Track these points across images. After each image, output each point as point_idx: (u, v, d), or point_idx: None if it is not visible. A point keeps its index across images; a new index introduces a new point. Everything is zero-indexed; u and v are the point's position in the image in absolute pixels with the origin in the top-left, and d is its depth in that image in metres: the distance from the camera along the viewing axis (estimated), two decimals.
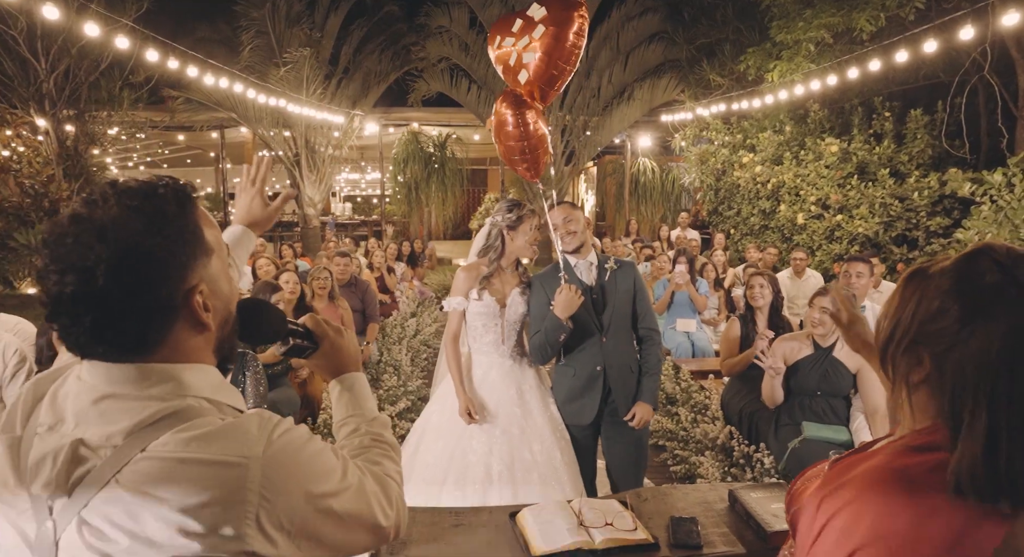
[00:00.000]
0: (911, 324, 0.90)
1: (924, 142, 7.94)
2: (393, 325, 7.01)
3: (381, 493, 1.02)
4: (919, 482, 0.83)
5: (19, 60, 9.15)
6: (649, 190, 13.78)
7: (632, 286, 3.05)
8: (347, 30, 13.58)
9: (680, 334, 6.26)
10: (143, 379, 0.88)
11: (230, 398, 0.96)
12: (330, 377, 1.25)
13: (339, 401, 1.23)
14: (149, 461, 0.81)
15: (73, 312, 0.84)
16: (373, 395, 1.28)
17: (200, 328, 0.93)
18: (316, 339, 1.22)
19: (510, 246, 3.06)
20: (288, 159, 13.14)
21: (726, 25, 11.25)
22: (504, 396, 3.01)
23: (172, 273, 0.88)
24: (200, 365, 0.94)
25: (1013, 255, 0.85)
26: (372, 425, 1.19)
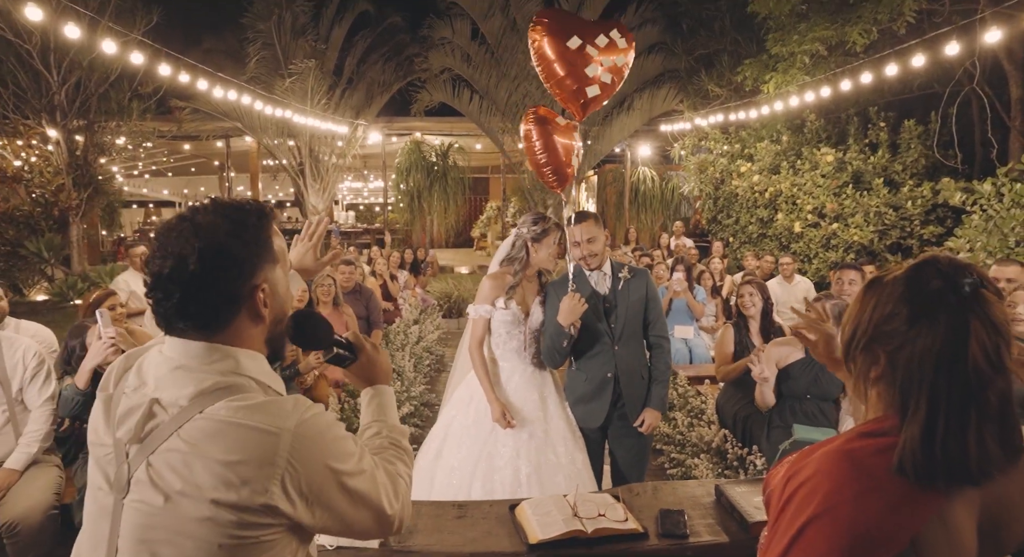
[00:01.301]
0: (868, 326, 1.03)
1: (918, 152, 8.08)
2: (396, 332, 7.12)
3: (390, 486, 1.18)
4: (864, 462, 0.96)
5: (32, 73, 9.36)
6: (649, 199, 13.92)
7: (644, 294, 3.14)
8: (351, 41, 13.80)
9: (678, 341, 6.37)
10: (209, 355, 1.08)
11: (274, 383, 1.15)
12: (364, 385, 1.43)
13: (367, 407, 1.40)
14: (204, 421, 1.01)
15: (167, 289, 1.05)
16: (396, 408, 1.44)
17: (258, 320, 1.13)
18: (355, 351, 1.40)
19: (534, 257, 3.14)
20: (292, 168, 13.31)
21: (724, 37, 11.43)
22: (528, 401, 3.11)
23: (244, 269, 1.09)
24: (254, 352, 1.14)
25: (954, 265, 0.98)
26: (392, 432, 1.36)
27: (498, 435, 3.03)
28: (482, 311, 3.15)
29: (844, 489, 0.94)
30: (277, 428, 1.01)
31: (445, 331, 8.70)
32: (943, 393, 0.93)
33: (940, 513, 0.92)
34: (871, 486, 0.93)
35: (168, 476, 1.00)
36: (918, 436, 0.92)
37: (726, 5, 11.41)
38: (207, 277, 1.05)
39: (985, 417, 0.92)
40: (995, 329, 0.93)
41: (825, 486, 0.95)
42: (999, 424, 0.92)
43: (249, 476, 0.98)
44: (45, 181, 9.63)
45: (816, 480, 0.97)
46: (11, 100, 9.53)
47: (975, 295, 0.94)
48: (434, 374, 7.14)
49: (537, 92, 11.95)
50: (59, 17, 7.36)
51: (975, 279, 0.95)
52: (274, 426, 1.01)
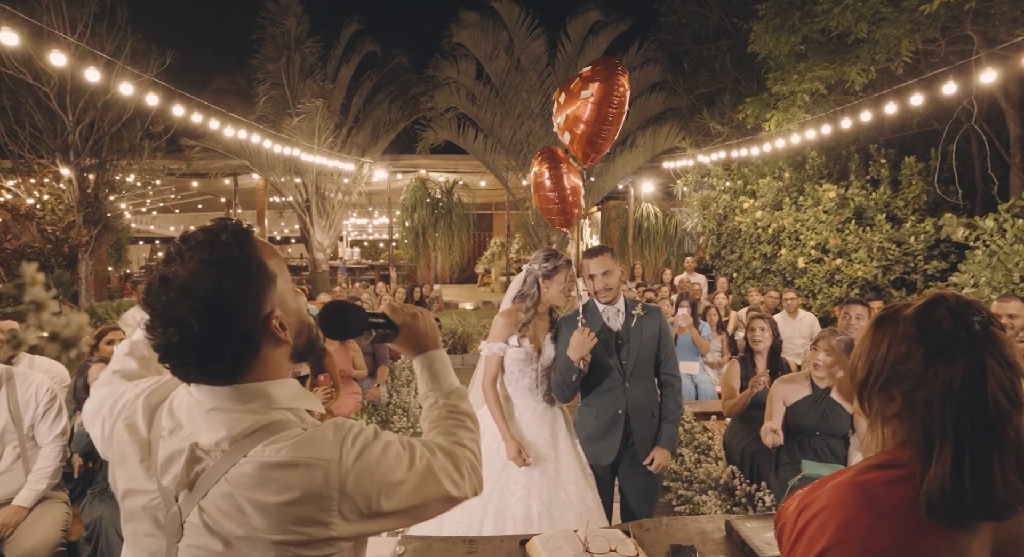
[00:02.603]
0: (883, 366, 1.04)
1: (919, 188, 8.16)
2: (402, 367, 7.13)
3: (451, 466, 1.16)
4: (875, 493, 0.97)
5: (49, 114, 9.57)
6: (652, 235, 13.99)
7: (657, 332, 3.16)
8: (358, 81, 14.07)
9: (683, 376, 6.34)
10: (240, 397, 1.06)
11: (307, 402, 1.13)
12: (414, 354, 1.39)
13: (421, 377, 1.38)
14: (250, 465, 1.00)
15: (180, 355, 1.03)
16: (451, 368, 1.40)
17: (280, 344, 1.11)
18: (395, 325, 1.37)
19: (545, 294, 3.17)
20: (299, 205, 13.45)
21: (724, 75, 11.64)
22: (539, 438, 3.11)
23: (250, 307, 1.05)
24: (282, 380, 1.11)
25: (962, 303, 1.01)
26: (449, 398, 1.34)
27: (510, 472, 3.02)
28: (495, 348, 3.17)
29: (857, 521, 0.95)
30: (323, 460, 1.01)
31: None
32: (966, 432, 0.94)
33: (953, 545, 0.94)
34: (884, 517, 0.95)
35: (224, 522, 1.00)
36: (948, 475, 0.93)
37: (726, 45, 11.65)
38: (216, 332, 1.02)
39: (1007, 453, 0.94)
40: (1009, 366, 0.96)
41: (838, 518, 0.97)
42: (1019, 458, 0.94)
43: (306, 514, 0.99)
44: (57, 218, 9.76)
45: (829, 512, 0.98)
46: (27, 140, 9.74)
47: (986, 333, 0.97)
48: None
49: (541, 130, 12.14)
50: (77, 60, 7.56)
51: (984, 317, 0.98)
52: (320, 459, 1.01)
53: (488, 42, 12.24)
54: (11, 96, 9.51)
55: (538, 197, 3.63)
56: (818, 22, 7.62)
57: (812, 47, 8.30)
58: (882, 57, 7.31)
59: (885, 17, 7.09)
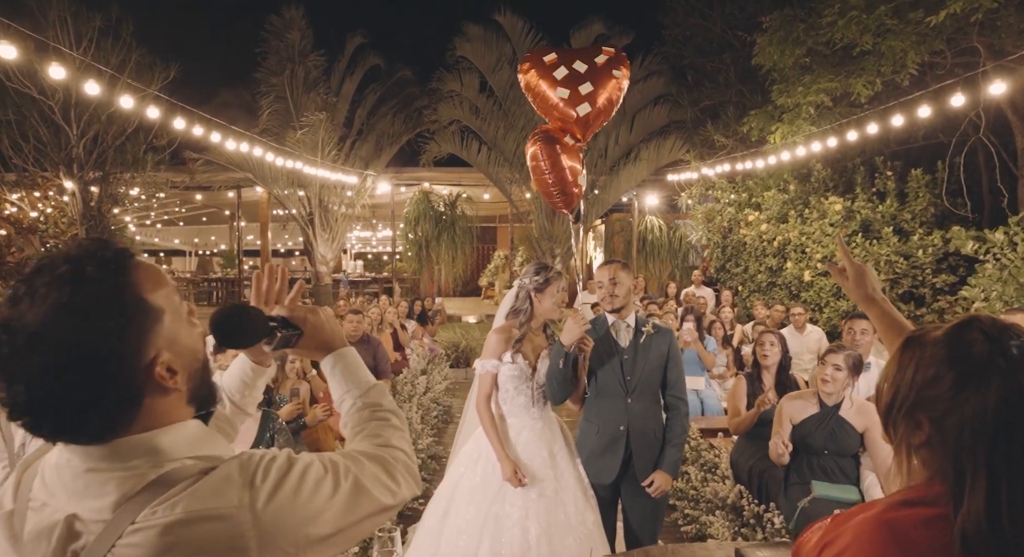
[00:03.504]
0: (910, 391, 0.97)
1: (926, 200, 8.08)
2: (403, 383, 7.05)
3: (383, 473, 1.05)
4: (907, 534, 0.90)
5: (53, 127, 9.59)
6: (657, 248, 13.94)
7: (666, 352, 3.10)
8: (362, 94, 14.10)
9: (689, 392, 6.24)
10: (120, 455, 0.87)
11: (210, 447, 0.95)
12: (321, 355, 1.27)
13: (332, 378, 1.26)
14: (142, 533, 0.81)
15: (31, 417, 0.84)
16: (364, 366, 1.28)
17: (169, 392, 0.92)
18: (297, 325, 1.24)
19: (538, 308, 3.11)
20: (302, 218, 13.44)
21: (729, 88, 11.61)
22: (537, 458, 3.02)
23: (124, 357, 0.85)
24: (175, 425, 0.93)
25: (998, 327, 0.93)
26: (368, 396, 1.22)
27: (506, 494, 2.93)
28: (488, 366, 3.09)
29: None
30: (230, 508, 0.84)
31: (453, 381, 8.62)
32: (1002, 463, 0.87)
33: None
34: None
35: None
36: (983, 511, 0.86)
37: (730, 58, 11.64)
38: (78, 392, 0.82)
39: None
40: None
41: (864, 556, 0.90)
42: None
43: None
44: (59, 231, 9.76)
45: (854, 551, 0.91)
46: (31, 154, 9.75)
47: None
48: (441, 425, 7.04)
49: None
50: (82, 74, 7.57)
51: (1022, 341, 0.91)
52: (225, 507, 0.84)
53: (491, 55, 12.27)
54: (16, 110, 9.53)
55: (536, 180, 3.61)
56: (823, 34, 7.59)
57: (817, 59, 8.26)
58: (888, 69, 7.26)
59: (890, 29, 7.05)
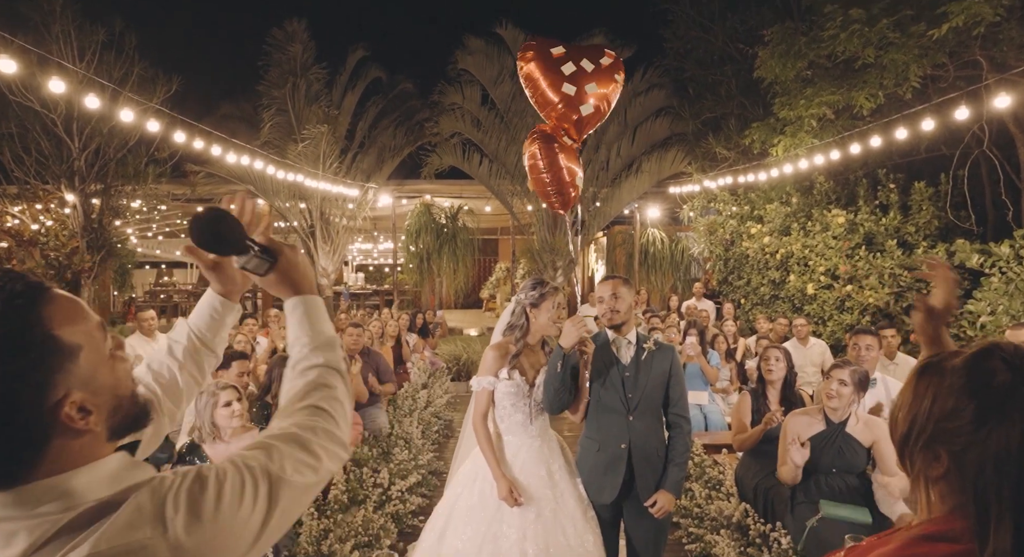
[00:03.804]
0: (927, 422, 0.92)
1: (930, 213, 8.04)
2: (404, 397, 7.00)
3: (300, 451, 1.01)
4: None
5: (55, 140, 9.61)
6: (658, 260, 13.89)
7: (668, 370, 3.05)
8: (363, 107, 14.12)
9: (692, 407, 6.21)
10: (29, 501, 0.82)
11: (132, 479, 0.90)
12: (288, 294, 1.25)
13: (291, 321, 1.23)
14: None
15: None
16: (327, 318, 1.26)
17: (81, 434, 0.87)
18: (274, 255, 1.23)
19: (534, 324, 3.08)
20: (303, 230, 13.43)
21: (730, 100, 11.61)
22: (535, 477, 2.97)
23: (24, 399, 0.81)
24: (92, 464, 0.88)
25: (1021, 355, 0.88)
26: (321, 349, 1.19)
27: (504, 515, 2.87)
28: (484, 383, 3.06)
29: None
30: (143, 540, 0.80)
31: (454, 395, 8.56)
32: None
33: None
34: None
35: None
36: (1010, 550, 0.80)
37: (732, 70, 11.64)
38: None
39: None
40: None
41: None
42: None
43: None
44: (60, 244, 9.73)
45: None
46: (33, 166, 9.76)
47: None
48: (442, 440, 6.98)
49: None
50: (83, 88, 7.58)
51: None
52: (138, 541, 0.79)
53: (493, 68, 12.28)
54: (18, 123, 9.56)
55: (533, 179, 3.59)
56: (824, 47, 7.58)
57: (819, 72, 8.25)
58: (890, 82, 7.25)
59: (892, 42, 7.04)
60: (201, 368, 1.35)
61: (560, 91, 3.53)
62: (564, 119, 3.57)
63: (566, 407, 3.03)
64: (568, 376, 2.90)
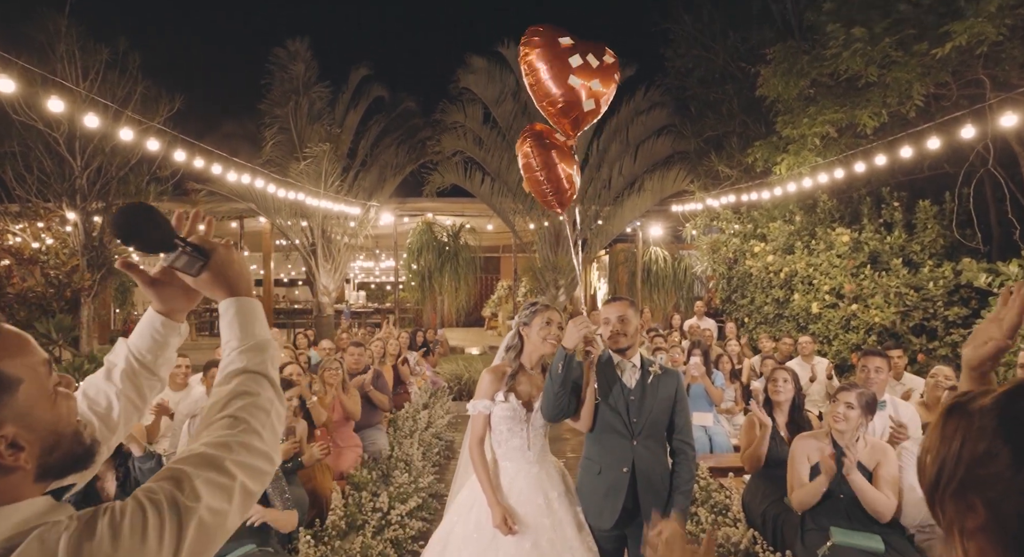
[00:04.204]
0: (957, 467, 0.84)
1: (935, 232, 7.98)
2: (405, 418, 6.90)
3: (212, 472, 0.94)
4: None
5: (58, 159, 9.63)
6: (661, 278, 13.83)
7: (673, 395, 2.98)
8: (365, 125, 14.17)
9: (697, 428, 6.11)
10: None
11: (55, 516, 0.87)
12: (224, 295, 1.17)
13: (223, 323, 1.16)
14: None
15: None
16: (264, 322, 1.20)
17: (12, 471, 0.85)
18: (206, 253, 1.15)
19: (527, 343, 3.04)
20: (304, 248, 13.40)
21: (732, 119, 11.62)
22: (532, 505, 2.88)
23: None
24: (10, 507, 0.85)
25: None
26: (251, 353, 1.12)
27: (500, 545, 2.79)
28: (480, 406, 2.99)
29: None
30: None
31: (455, 415, 8.46)
32: None
33: None
34: None
35: None
36: None
37: (733, 89, 11.66)
38: None
39: None
40: None
41: None
42: None
43: None
44: (61, 262, 9.70)
45: None
46: (35, 185, 9.78)
47: None
48: (444, 461, 6.87)
49: None
50: (86, 107, 7.59)
51: None
52: None
53: (495, 87, 12.32)
54: (21, 141, 9.58)
55: (528, 179, 3.54)
56: (827, 66, 7.57)
57: (821, 90, 8.24)
58: (893, 101, 7.23)
59: (895, 61, 7.03)
60: (141, 393, 1.26)
61: (566, 83, 3.49)
62: (563, 114, 3.54)
63: (566, 415, 2.91)
64: (569, 379, 2.79)
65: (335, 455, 5.10)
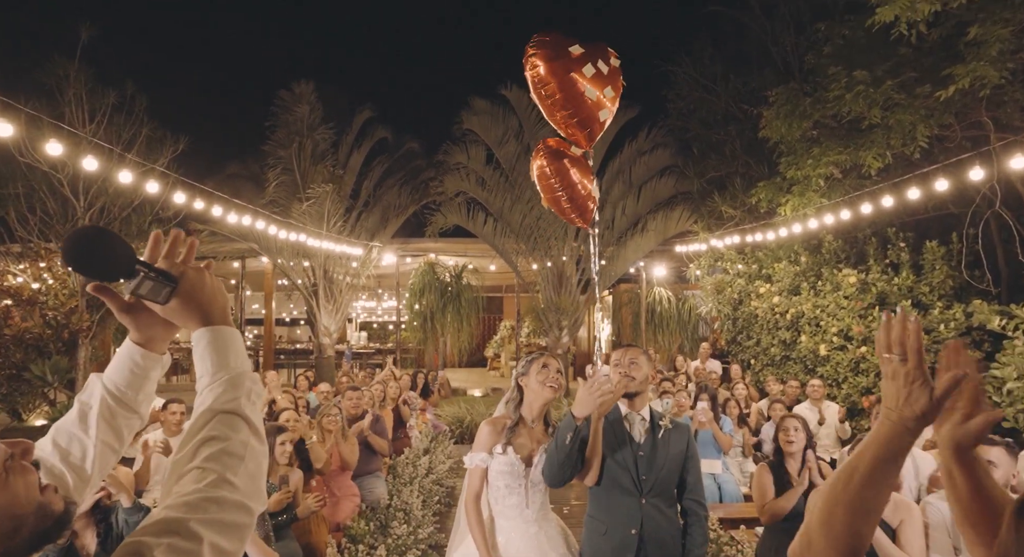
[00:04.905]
0: None
1: (944, 273, 7.87)
2: (405, 464, 6.72)
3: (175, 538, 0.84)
4: None
5: (61, 200, 9.65)
6: (666, 319, 13.70)
7: (684, 451, 2.85)
8: (369, 166, 14.25)
9: (705, 476, 5.90)
10: None
11: None
12: (197, 324, 1.06)
13: (196, 354, 1.05)
14: None
15: None
16: (244, 351, 1.09)
17: None
18: (173, 278, 1.04)
19: (527, 393, 2.92)
20: (306, 288, 13.34)
21: (735, 160, 11.64)
22: None
23: None
24: None
25: None
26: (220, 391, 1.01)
27: None
28: (477, 460, 2.85)
29: None
30: None
31: (456, 460, 8.24)
32: None
33: None
34: None
35: None
36: None
37: (735, 130, 11.71)
38: None
39: None
40: None
41: None
42: None
43: None
44: (59, 303, 9.63)
45: None
46: (37, 225, 9.78)
47: None
48: (444, 510, 6.66)
49: (551, 214, 12.02)
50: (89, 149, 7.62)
51: None
52: None
53: (498, 128, 12.41)
54: (25, 182, 9.61)
55: (548, 198, 3.50)
56: (830, 108, 7.58)
57: (824, 132, 8.24)
58: (897, 142, 7.21)
59: (898, 103, 7.03)
60: (119, 434, 1.14)
61: (582, 97, 3.42)
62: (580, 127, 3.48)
63: (568, 481, 2.76)
64: (576, 449, 2.64)
65: (331, 506, 4.93)
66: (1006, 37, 6.13)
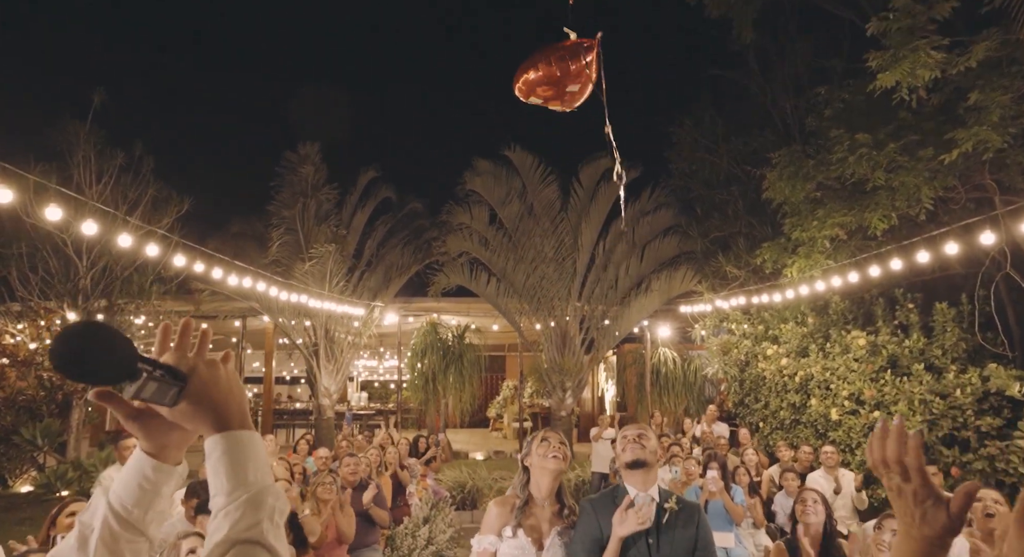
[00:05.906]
0: None
1: (956, 335, 7.70)
2: (404, 535, 6.44)
3: None
4: None
5: (64, 259, 9.65)
6: (671, 381, 13.44)
7: (695, 535, 2.65)
8: (372, 225, 14.29)
9: (718, 551, 5.64)
10: None
11: None
12: (211, 429, 0.92)
13: (208, 463, 0.91)
14: None
15: None
16: (261, 462, 0.93)
17: None
18: (182, 376, 0.91)
19: (533, 472, 2.80)
20: (307, 348, 13.19)
21: (737, 220, 11.66)
22: None
23: None
24: None
25: None
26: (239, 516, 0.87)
27: None
28: (486, 543, 2.68)
29: None
30: None
31: (458, 528, 7.93)
32: None
33: None
34: None
35: None
36: None
37: (738, 190, 11.76)
38: None
39: None
40: None
41: None
42: None
43: None
44: None
45: None
46: (38, 285, 9.75)
47: None
48: None
49: (554, 274, 12.02)
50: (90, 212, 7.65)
51: None
52: None
53: (501, 189, 12.45)
54: (29, 242, 9.65)
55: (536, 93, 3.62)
56: (833, 170, 7.60)
57: (828, 193, 8.23)
58: (902, 204, 7.20)
59: (902, 165, 7.04)
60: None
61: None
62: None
63: None
64: None
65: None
66: (1006, 103, 6.17)
